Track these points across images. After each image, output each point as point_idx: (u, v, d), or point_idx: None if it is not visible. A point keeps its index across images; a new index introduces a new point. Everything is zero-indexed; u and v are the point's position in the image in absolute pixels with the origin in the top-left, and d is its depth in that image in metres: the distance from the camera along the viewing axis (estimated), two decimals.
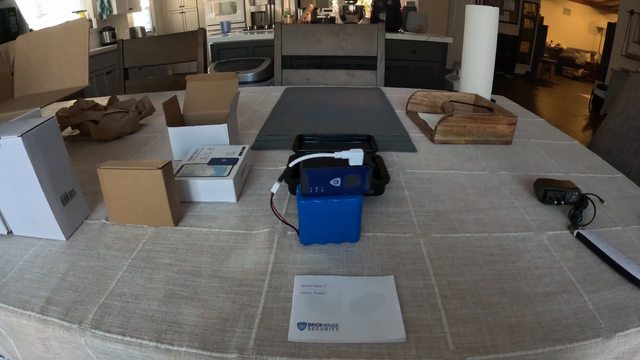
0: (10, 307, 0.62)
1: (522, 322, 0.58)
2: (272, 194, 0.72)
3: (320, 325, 0.57)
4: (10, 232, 0.79)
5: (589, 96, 6.42)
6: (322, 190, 0.67)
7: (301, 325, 0.57)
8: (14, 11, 3.89)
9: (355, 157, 0.66)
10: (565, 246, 0.75)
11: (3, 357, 0.76)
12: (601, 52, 7.19)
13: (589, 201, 0.85)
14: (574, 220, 0.82)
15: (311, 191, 0.67)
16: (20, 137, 0.65)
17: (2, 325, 0.64)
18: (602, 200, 0.88)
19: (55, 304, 0.62)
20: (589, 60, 8.06)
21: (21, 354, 0.68)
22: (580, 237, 0.77)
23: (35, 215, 0.74)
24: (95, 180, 0.79)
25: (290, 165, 0.70)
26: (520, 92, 7.40)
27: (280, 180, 0.71)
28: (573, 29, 8.19)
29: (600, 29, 7.57)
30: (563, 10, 8.27)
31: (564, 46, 8.45)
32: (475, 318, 0.59)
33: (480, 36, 1.53)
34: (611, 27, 6.61)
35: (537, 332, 0.56)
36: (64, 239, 0.77)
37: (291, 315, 0.59)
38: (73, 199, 0.79)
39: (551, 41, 8.54)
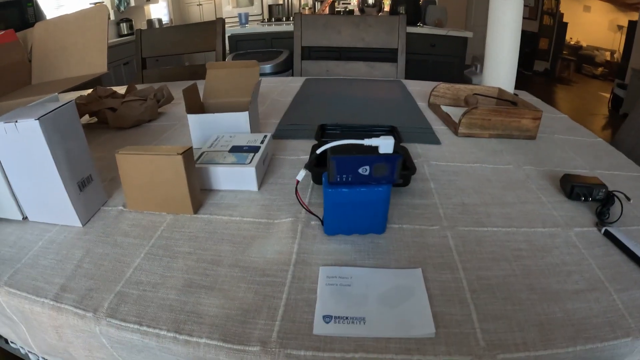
0: (24, 294, 0.61)
1: (553, 319, 0.56)
2: (298, 182, 0.71)
3: (347, 318, 0.55)
4: (25, 218, 0.78)
5: (608, 95, 6.35)
6: (349, 179, 0.65)
7: (327, 318, 0.55)
8: (31, 2, 3.91)
9: (385, 144, 0.64)
10: (593, 243, 0.73)
11: (15, 344, 0.76)
12: (621, 50, 7.10)
13: (616, 198, 0.83)
14: (602, 218, 0.79)
15: (338, 179, 0.65)
16: (37, 121, 0.64)
17: (14, 312, 0.64)
18: (628, 198, 0.85)
19: (70, 291, 0.61)
20: (608, 58, 7.97)
21: (33, 341, 0.68)
22: (608, 234, 0.74)
23: (51, 201, 0.74)
24: (112, 167, 0.78)
25: (318, 151, 0.68)
26: (539, 90, 7.33)
27: (306, 167, 0.70)
28: (593, 26, 8.10)
29: (620, 27, 7.48)
30: (583, 7, 8.18)
31: (584, 44, 8.36)
32: (505, 314, 0.57)
33: (504, 28, 1.51)
34: (632, 25, 6.52)
35: (568, 330, 0.54)
36: (80, 225, 0.76)
37: (316, 307, 0.57)
38: (90, 185, 0.78)
39: (571, 38, 8.46)
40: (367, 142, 0.65)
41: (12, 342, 0.80)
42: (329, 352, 0.51)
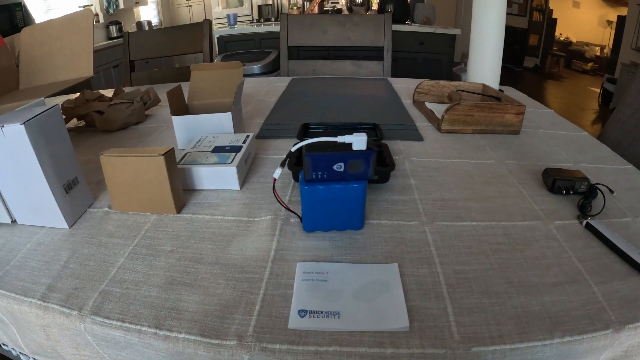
0: (12, 295, 0.62)
1: (530, 312, 0.57)
2: (275, 180, 0.71)
3: (322, 312, 0.56)
4: (14, 221, 0.79)
5: (598, 90, 6.37)
6: (325, 176, 0.66)
7: (302, 313, 0.56)
8: (20, 6, 3.90)
9: (358, 141, 0.65)
10: (574, 236, 0.74)
11: (7, 345, 0.76)
12: (611, 45, 7.12)
13: (599, 191, 0.84)
14: (583, 210, 0.80)
15: (314, 176, 0.66)
16: (22, 125, 0.65)
17: (4, 312, 0.65)
18: (611, 191, 0.86)
19: (56, 291, 0.62)
20: (598, 53, 7.97)
21: (23, 341, 0.68)
22: (589, 227, 0.75)
23: (38, 204, 0.74)
24: (99, 169, 0.79)
25: (293, 149, 0.69)
26: (529, 86, 7.35)
27: (282, 165, 0.71)
28: (582, 22, 8.10)
29: (610, 22, 7.48)
30: (572, 3, 8.18)
31: (574, 39, 8.37)
32: (481, 308, 0.57)
33: (488, 25, 1.52)
34: (621, 20, 6.53)
35: (545, 323, 0.55)
36: (67, 227, 0.77)
37: (292, 302, 0.58)
38: (76, 187, 0.79)
39: (560, 34, 8.46)
40: (340, 139, 0.65)
41: (4, 345, 0.81)
42: (303, 346, 0.52)
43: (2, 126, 0.65)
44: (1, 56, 1.32)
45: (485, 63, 1.56)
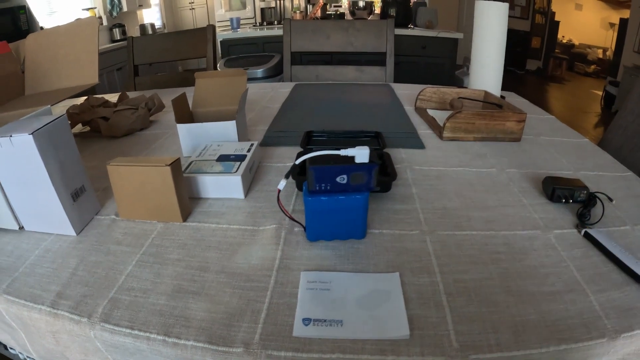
0: (22, 301, 0.63)
1: (527, 321, 0.58)
2: (279, 191, 0.72)
3: (325, 321, 0.57)
4: (22, 228, 0.80)
5: (600, 93, 6.36)
6: (328, 187, 0.67)
7: (306, 321, 0.57)
8: (24, 9, 3.90)
9: (361, 154, 0.66)
10: (572, 245, 0.74)
11: (14, 350, 0.77)
12: (613, 48, 7.11)
13: (598, 200, 0.84)
14: (582, 219, 0.81)
15: (317, 188, 0.67)
16: (31, 135, 0.66)
17: (13, 318, 0.66)
18: (610, 199, 0.87)
19: (66, 298, 0.63)
20: (600, 56, 7.95)
21: (32, 347, 0.69)
22: (588, 236, 0.76)
23: (46, 211, 0.75)
24: (105, 176, 0.79)
25: (297, 162, 0.70)
26: (531, 88, 7.35)
27: (286, 177, 0.72)
28: (585, 24, 8.09)
29: (612, 25, 7.47)
30: (575, 5, 8.16)
31: (576, 42, 8.35)
32: (480, 316, 0.58)
33: (490, 32, 1.52)
34: (623, 22, 6.52)
35: (542, 332, 0.56)
36: (75, 234, 0.78)
37: (296, 310, 0.59)
38: (83, 195, 0.80)
39: (563, 37, 8.45)
40: (343, 152, 0.67)
41: (11, 348, 0.82)
42: (307, 353, 0.53)
43: (11, 136, 0.66)
44: (7, 62, 1.33)
45: (487, 69, 1.57)
